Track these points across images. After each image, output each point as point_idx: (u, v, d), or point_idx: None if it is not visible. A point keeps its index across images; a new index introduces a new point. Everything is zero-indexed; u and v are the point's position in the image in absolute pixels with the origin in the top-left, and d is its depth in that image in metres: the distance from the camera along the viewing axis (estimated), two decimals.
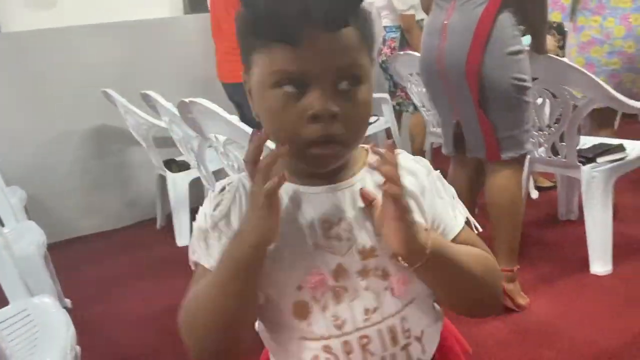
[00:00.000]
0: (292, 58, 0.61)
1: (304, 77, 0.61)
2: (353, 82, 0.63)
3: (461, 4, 1.74)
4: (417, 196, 0.70)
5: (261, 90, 0.64)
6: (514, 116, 1.76)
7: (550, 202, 2.74)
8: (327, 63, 0.61)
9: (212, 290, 0.64)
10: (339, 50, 0.62)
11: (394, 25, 3.45)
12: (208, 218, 0.69)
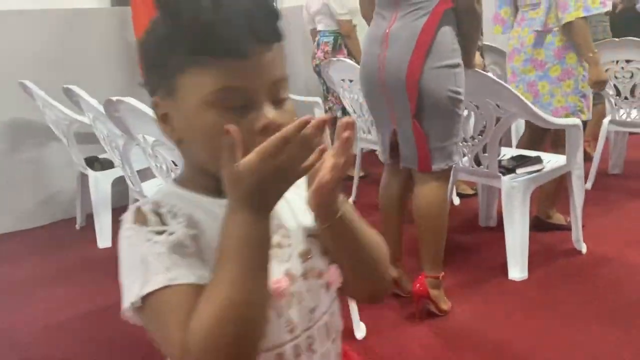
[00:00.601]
0: (237, 73, 0.60)
1: (249, 92, 0.61)
2: (282, 94, 0.64)
3: (403, 14, 1.77)
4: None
5: (199, 113, 0.61)
6: (446, 127, 1.81)
7: (472, 209, 2.85)
8: (270, 76, 0.62)
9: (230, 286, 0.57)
10: (276, 63, 0.63)
11: (328, 30, 3.48)
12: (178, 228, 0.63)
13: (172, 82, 0.62)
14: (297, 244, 0.70)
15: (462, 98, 1.80)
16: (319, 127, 0.56)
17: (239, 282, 0.57)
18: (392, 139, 1.93)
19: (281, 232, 0.69)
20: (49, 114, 2.77)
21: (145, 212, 0.64)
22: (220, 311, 0.56)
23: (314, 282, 0.71)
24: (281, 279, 0.67)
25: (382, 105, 1.90)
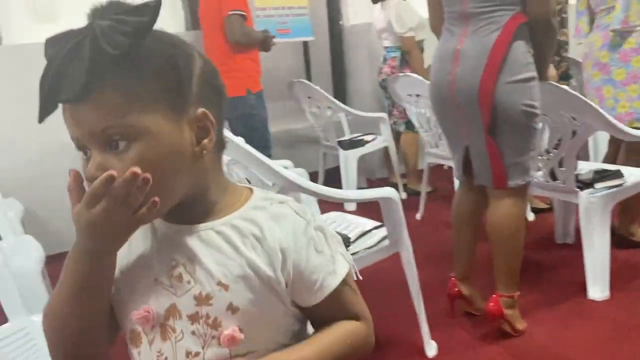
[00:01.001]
0: (68, 128, 0.66)
1: (80, 143, 0.66)
2: (124, 141, 0.63)
3: (474, 29, 1.75)
4: (274, 253, 0.70)
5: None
6: (522, 143, 1.77)
7: (547, 225, 2.75)
8: (83, 131, 0.64)
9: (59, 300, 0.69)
10: (91, 116, 0.63)
11: (395, 46, 3.50)
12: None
13: None
14: (198, 286, 0.69)
15: (538, 112, 1.76)
16: (130, 181, 0.60)
17: (65, 301, 0.68)
18: (465, 155, 1.90)
19: (190, 268, 0.70)
20: None
21: None
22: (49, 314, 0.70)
23: (204, 328, 0.69)
24: (143, 310, 0.70)
25: (453, 122, 1.87)
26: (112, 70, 0.61)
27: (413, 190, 3.66)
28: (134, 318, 0.70)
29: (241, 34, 2.75)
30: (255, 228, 0.71)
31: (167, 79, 0.65)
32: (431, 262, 2.48)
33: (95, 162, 0.63)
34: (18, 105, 3.03)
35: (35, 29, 3.16)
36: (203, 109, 0.68)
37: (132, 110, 0.63)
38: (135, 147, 0.63)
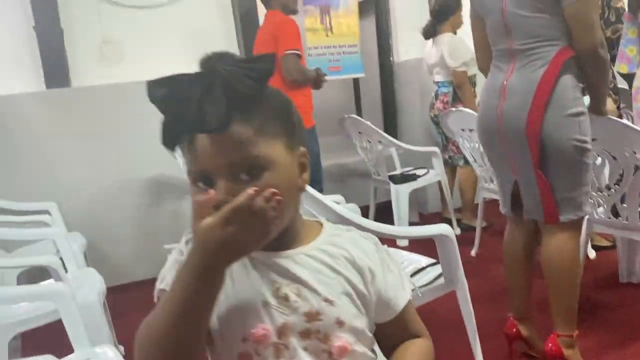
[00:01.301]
0: (193, 161, 0.71)
1: (206, 174, 0.70)
2: (254, 171, 0.70)
3: (521, 65, 1.75)
4: (364, 271, 0.79)
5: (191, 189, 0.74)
6: (573, 177, 1.74)
7: (610, 263, 2.64)
8: (218, 162, 0.69)
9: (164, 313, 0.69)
10: (228, 147, 0.69)
11: (447, 81, 3.50)
12: (184, 250, 0.76)
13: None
14: (306, 304, 0.75)
15: (589, 147, 1.72)
16: (268, 199, 0.65)
17: (171, 314, 0.68)
18: (513, 190, 1.88)
19: (293, 288, 0.75)
20: None
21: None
22: (154, 327, 0.69)
23: (317, 344, 0.75)
24: (260, 328, 0.73)
25: (501, 156, 1.86)
26: (245, 108, 0.69)
27: (467, 225, 3.59)
28: (253, 337, 0.73)
29: (297, 72, 2.85)
30: (342, 250, 0.79)
31: (285, 118, 0.76)
32: (488, 300, 2.42)
33: (225, 189, 0.69)
34: (84, 145, 3.22)
35: (102, 72, 3.36)
36: (303, 147, 0.79)
37: (261, 143, 0.71)
38: (263, 176, 0.70)
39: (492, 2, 1.80)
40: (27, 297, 1.83)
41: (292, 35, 2.87)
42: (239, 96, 0.68)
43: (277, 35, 2.85)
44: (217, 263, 0.68)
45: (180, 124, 0.68)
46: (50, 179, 3.13)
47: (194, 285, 0.68)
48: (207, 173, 0.70)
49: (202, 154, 0.70)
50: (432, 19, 3.52)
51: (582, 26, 1.66)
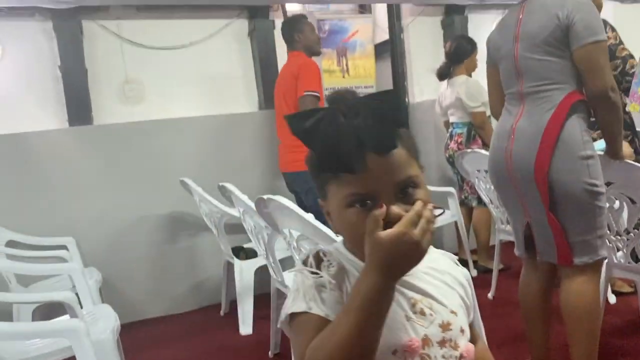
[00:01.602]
0: (358, 183, 0.76)
1: (371, 196, 0.76)
2: (409, 190, 0.78)
3: (530, 108, 1.77)
4: (464, 285, 0.91)
5: (339, 212, 0.79)
6: (586, 221, 1.72)
7: (631, 309, 2.58)
8: (387, 181, 0.76)
9: (347, 331, 0.71)
10: (394, 169, 0.77)
11: (461, 122, 3.52)
12: (324, 274, 0.80)
13: (325, 191, 0.82)
14: (439, 316, 0.83)
15: (601, 190, 1.72)
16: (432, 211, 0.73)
17: (356, 330, 0.70)
18: (526, 231, 1.87)
19: (426, 303, 0.83)
20: (204, 207, 3.06)
21: (310, 257, 0.85)
22: (337, 346, 0.71)
23: (450, 351, 0.83)
24: (414, 340, 0.80)
25: (513, 198, 1.87)
26: (398, 135, 0.78)
27: (484, 267, 3.55)
28: (403, 349, 0.79)
29: None
30: (443, 267, 0.89)
31: (414, 142, 0.83)
32: (506, 344, 2.37)
33: (395, 204, 0.75)
34: (103, 181, 3.27)
35: (123, 111, 3.44)
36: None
37: (413, 165, 0.80)
38: (417, 193, 0.78)
39: (505, 47, 1.84)
40: (41, 333, 1.84)
41: (313, 77, 2.92)
42: (394, 125, 0.76)
43: (298, 76, 2.90)
44: (400, 271, 0.73)
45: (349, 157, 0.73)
46: (69, 213, 3.17)
47: (377, 298, 0.71)
48: (374, 193, 0.76)
49: (371, 176, 0.75)
50: (448, 61, 3.56)
51: (591, 70, 1.69)
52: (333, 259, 0.83)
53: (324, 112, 0.75)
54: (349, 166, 0.74)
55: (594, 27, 1.67)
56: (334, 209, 0.81)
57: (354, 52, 4.40)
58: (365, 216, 0.73)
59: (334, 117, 0.74)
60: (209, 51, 3.60)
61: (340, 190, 0.78)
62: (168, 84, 3.52)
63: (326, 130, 0.74)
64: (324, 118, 0.75)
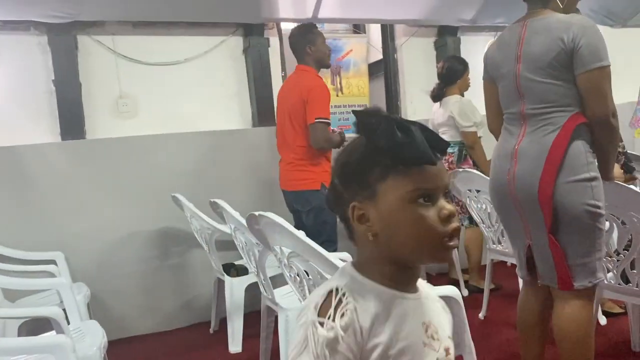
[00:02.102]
0: (428, 177, 0.80)
1: (433, 191, 0.81)
2: (447, 193, 0.85)
3: (532, 130, 1.76)
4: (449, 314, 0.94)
5: (401, 207, 0.80)
6: (587, 243, 1.71)
7: (621, 330, 2.58)
8: (444, 180, 0.83)
9: None
10: (444, 171, 0.84)
11: (452, 141, 3.53)
12: (337, 327, 0.76)
13: (374, 189, 0.81)
14: (443, 342, 0.86)
15: (602, 212, 1.71)
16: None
17: None
18: (527, 254, 1.85)
19: (434, 328, 0.85)
20: (195, 223, 3.05)
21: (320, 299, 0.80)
22: None
23: None
24: None
25: (515, 220, 1.85)
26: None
27: (475, 287, 3.54)
28: None
29: (325, 142, 2.81)
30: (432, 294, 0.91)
31: None
32: None
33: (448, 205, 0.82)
34: (94, 196, 3.25)
35: (117, 126, 3.44)
36: None
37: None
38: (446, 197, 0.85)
39: (506, 67, 1.82)
40: (27, 349, 1.81)
41: (324, 102, 2.84)
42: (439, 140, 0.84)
43: (308, 101, 2.82)
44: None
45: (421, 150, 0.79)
46: (59, 228, 3.14)
47: None
48: (434, 190, 0.81)
49: (435, 173, 0.81)
50: (440, 81, 3.59)
51: (595, 95, 1.68)
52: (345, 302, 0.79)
53: (384, 114, 0.82)
54: (426, 157, 0.79)
55: (599, 52, 1.66)
56: (389, 206, 0.80)
57: (347, 71, 4.44)
58: (430, 210, 0.79)
59: (398, 119, 0.80)
60: (204, 68, 3.63)
61: (404, 185, 0.80)
62: (162, 99, 3.53)
63: (399, 127, 0.79)
64: (388, 118, 0.80)
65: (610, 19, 4.25)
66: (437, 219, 0.80)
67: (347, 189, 0.84)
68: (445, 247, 0.80)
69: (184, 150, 3.44)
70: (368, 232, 0.82)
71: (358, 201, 0.82)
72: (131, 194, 3.32)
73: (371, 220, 0.82)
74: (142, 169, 3.36)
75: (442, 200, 0.81)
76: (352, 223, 0.84)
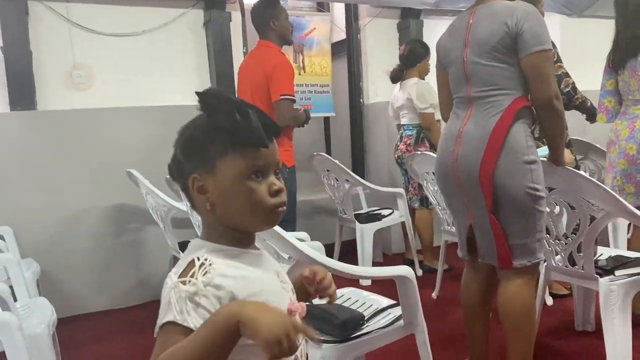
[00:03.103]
0: (261, 157, 0.90)
1: (265, 168, 0.91)
2: (278, 170, 0.95)
3: (477, 113, 1.81)
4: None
5: (236, 181, 0.89)
6: (526, 224, 1.77)
7: (566, 311, 2.68)
8: (275, 158, 0.93)
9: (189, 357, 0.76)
10: (277, 151, 0.95)
11: (411, 124, 3.58)
12: (199, 282, 0.83)
13: (213, 165, 0.90)
14: (289, 284, 1.00)
15: (542, 194, 1.77)
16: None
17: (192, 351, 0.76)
18: (469, 234, 1.91)
19: (281, 276, 0.98)
20: (151, 200, 2.99)
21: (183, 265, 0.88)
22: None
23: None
24: (294, 301, 0.93)
25: (457, 201, 1.90)
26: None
27: (429, 267, 3.62)
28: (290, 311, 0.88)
29: (291, 119, 2.77)
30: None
31: None
32: (446, 344, 2.42)
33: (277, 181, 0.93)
34: (45, 169, 3.14)
35: (70, 97, 3.32)
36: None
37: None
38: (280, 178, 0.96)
39: (455, 52, 1.88)
40: None
41: (288, 78, 2.79)
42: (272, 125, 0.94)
43: (272, 77, 2.76)
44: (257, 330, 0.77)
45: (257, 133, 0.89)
46: (7, 202, 3.03)
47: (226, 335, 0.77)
48: (266, 168, 0.91)
49: (268, 153, 0.91)
50: (401, 64, 3.61)
51: (537, 78, 1.74)
52: (208, 263, 0.86)
53: (226, 96, 0.88)
54: (261, 141, 0.89)
55: (541, 36, 1.72)
56: (226, 180, 0.89)
57: (310, 50, 4.39)
58: (261, 185, 0.90)
59: (238, 102, 0.88)
60: (162, 40, 3.52)
61: (241, 162, 0.89)
62: (118, 72, 3.41)
63: (238, 110, 0.87)
64: (229, 100, 0.88)
65: (568, 8, 4.37)
66: (267, 193, 0.90)
67: (189, 161, 0.92)
68: (275, 215, 0.92)
69: (141, 125, 3.35)
70: (206, 203, 0.91)
71: (198, 173, 0.90)
72: (84, 169, 3.22)
73: (209, 191, 0.90)
74: (96, 143, 3.26)
75: (272, 177, 0.92)
76: (192, 193, 0.92)
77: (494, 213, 1.77)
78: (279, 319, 0.76)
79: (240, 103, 0.88)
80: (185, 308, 0.81)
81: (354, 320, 1.67)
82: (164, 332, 0.81)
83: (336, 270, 1.63)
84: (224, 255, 0.90)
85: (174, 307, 0.81)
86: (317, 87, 4.37)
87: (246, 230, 0.95)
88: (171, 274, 0.87)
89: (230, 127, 0.87)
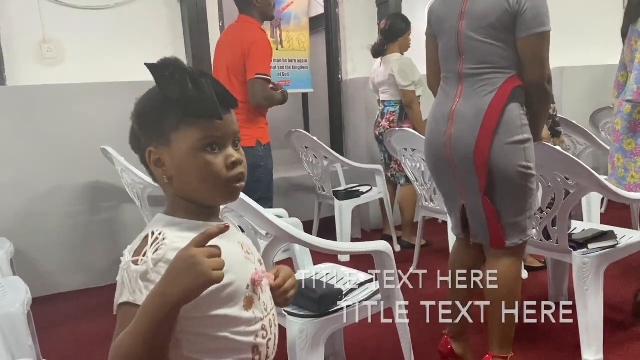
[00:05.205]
0: (216, 128, 0.89)
1: (221, 140, 0.90)
2: (237, 142, 0.94)
3: (469, 91, 1.77)
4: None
5: (191, 154, 0.88)
6: (518, 203, 1.77)
7: (540, 284, 2.73)
8: (232, 129, 0.92)
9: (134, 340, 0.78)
10: (234, 122, 0.93)
11: (393, 100, 3.56)
12: (149, 260, 0.83)
13: (168, 137, 0.89)
14: (255, 254, 1.01)
15: (533, 172, 1.77)
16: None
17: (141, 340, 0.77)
18: (462, 213, 1.90)
19: (246, 247, 0.98)
20: (126, 177, 2.94)
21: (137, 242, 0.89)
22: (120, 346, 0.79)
23: (265, 281, 0.99)
24: (259, 271, 0.96)
25: (450, 182, 1.88)
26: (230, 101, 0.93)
27: (407, 243, 3.65)
28: (254, 281, 0.93)
29: (263, 99, 2.70)
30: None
31: None
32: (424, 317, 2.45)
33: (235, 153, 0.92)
34: (16, 147, 3.06)
35: (40, 72, 3.22)
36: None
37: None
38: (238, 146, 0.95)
39: (449, 22, 1.81)
40: None
41: (265, 56, 2.72)
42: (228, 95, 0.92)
43: (249, 54, 2.68)
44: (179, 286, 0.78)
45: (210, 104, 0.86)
46: None
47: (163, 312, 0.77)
48: (222, 139, 0.90)
49: (223, 124, 0.89)
50: (382, 38, 3.58)
51: (533, 60, 1.71)
52: (162, 237, 0.86)
53: (180, 66, 0.87)
54: (214, 112, 0.87)
55: (542, 17, 1.67)
56: (181, 153, 0.88)
57: (288, 24, 4.32)
58: (217, 157, 0.89)
59: (191, 72, 0.86)
60: (136, 14, 3.43)
61: (194, 134, 0.87)
62: (90, 46, 3.32)
63: (191, 80, 0.85)
64: (182, 71, 0.86)
65: None
66: (224, 165, 0.89)
67: (145, 134, 0.91)
68: (233, 189, 0.91)
69: (115, 100, 3.27)
70: (163, 176, 0.91)
71: (154, 146, 0.90)
72: (57, 146, 3.15)
73: (166, 165, 0.90)
74: (69, 120, 3.18)
75: (230, 149, 0.91)
76: (150, 167, 0.92)
77: (486, 194, 1.75)
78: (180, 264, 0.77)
79: (193, 73, 0.86)
80: (137, 288, 0.82)
81: (332, 295, 1.68)
82: (122, 313, 0.83)
83: (315, 246, 1.63)
84: (180, 229, 0.89)
85: (127, 288, 0.83)
86: (295, 62, 4.32)
87: (205, 204, 0.93)
88: (125, 252, 0.87)
89: (181, 98, 0.85)
